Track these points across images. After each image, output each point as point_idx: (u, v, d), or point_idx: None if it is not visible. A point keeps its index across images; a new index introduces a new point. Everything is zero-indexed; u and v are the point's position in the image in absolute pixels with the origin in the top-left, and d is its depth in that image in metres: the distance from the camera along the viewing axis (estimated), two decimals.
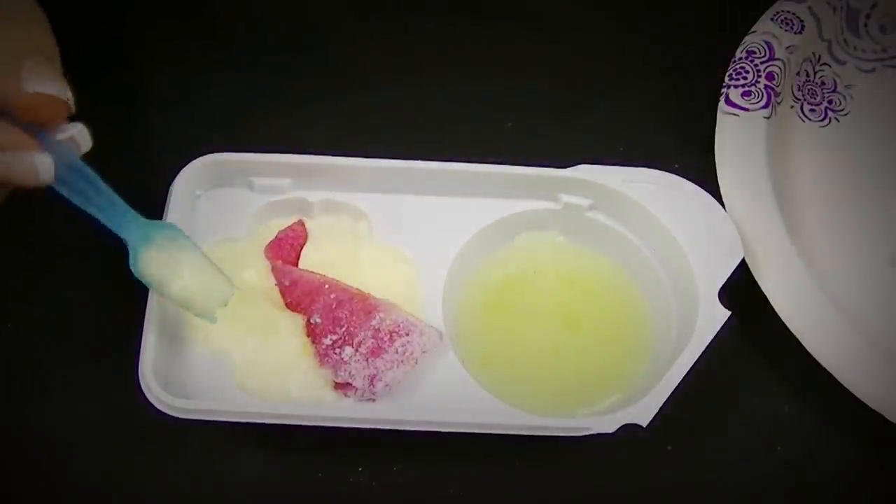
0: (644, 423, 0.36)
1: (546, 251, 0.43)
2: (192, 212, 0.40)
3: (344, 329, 0.38)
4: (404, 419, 0.37)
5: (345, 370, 0.38)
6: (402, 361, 0.38)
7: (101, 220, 0.34)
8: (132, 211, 0.34)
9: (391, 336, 0.38)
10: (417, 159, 0.41)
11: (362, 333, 0.38)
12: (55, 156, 0.32)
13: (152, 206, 0.38)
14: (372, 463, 0.39)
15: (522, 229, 0.43)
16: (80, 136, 0.33)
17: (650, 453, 0.40)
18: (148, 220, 0.35)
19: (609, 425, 0.36)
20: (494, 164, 0.41)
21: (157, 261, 0.34)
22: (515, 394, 0.39)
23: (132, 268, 0.34)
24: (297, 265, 0.40)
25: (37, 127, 0.32)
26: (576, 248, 0.43)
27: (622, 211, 0.42)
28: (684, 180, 0.42)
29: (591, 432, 0.36)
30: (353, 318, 0.38)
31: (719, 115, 0.45)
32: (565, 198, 0.42)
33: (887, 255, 0.45)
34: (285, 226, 0.41)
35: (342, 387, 0.38)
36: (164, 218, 0.39)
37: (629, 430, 0.36)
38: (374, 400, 0.38)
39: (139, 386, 0.35)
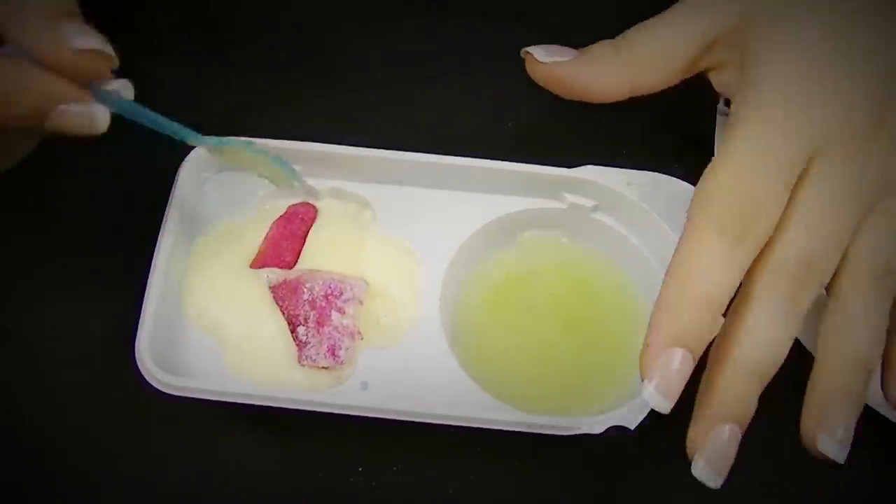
0: (632, 426, 0.36)
1: (549, 250, 0.43)
2: (199, 195, 0.40)
3: (287, 315, 0.39)
4: (394, 408, 0.37)
5: (306, 354, 0.38)
6: (349, 324, 0.39)
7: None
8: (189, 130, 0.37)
9: (328, 300, 0.39)
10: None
11: (300, 310, 0.39)
12: (107, 104, 0.33)
13: (160, 189, 0.38)
14: (372, 463, 0.39)
15: (526, 227, 0.43)
16: (124, 89, 0.34)
17: (650, 453, 0.40)
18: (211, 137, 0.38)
19: (597, 426, 0.36)
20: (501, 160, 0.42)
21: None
22: (511, 392, 0.39)
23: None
24: (303, 242, 0.41)
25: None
26: (578, 248, 0.43)
27: (625, 213, 0.42)
28: (688, 184, 0.42)
29: (579, 431, 0.37)
30: (286, 301, 0.39)
31: (718, 116, 0.45)
32: (570, 198, 0.42)
33: None
34: None
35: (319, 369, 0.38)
36: (169, 201, 0.39)
37: (618, 431, 0.36)
38: (341, 363, 0.38)
39: (135, 365, 0.36)
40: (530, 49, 0.41)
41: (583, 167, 0.42)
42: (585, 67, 0.40)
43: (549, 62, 0.40)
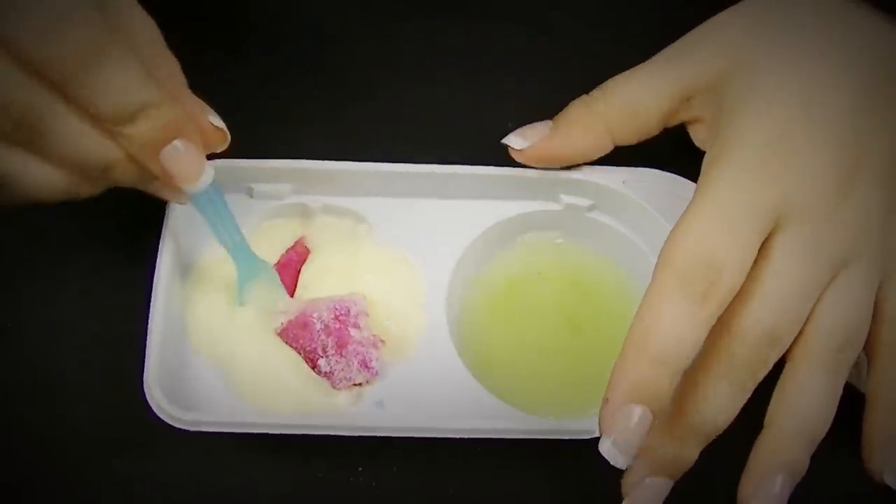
0: None
1: (548, 252, 0.43)
2: (193, 219, 0.39)
3: (304, 352, 0.39)
4: (411, 426, 0.37)
5: (339, 379, 0.38)
6: (368, 336, 0.39)
7: (224, 245, 0.38)
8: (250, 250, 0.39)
9: (338, 320, 0.39)
10: (419, 161, 0.41)
11: (317, 342, 0.39)
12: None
13: (153, 214, 0.38)
14: (372, 463, 0.39)
15: (524, 231, 0.43)
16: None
17: None
18: (256, 257, 0.39)
19: None
20: (494, 165, 0.41)
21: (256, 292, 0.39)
22: (519, 396, 0.39)
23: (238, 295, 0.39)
24: (296, 283, 0.41)
25: None
26: (577, 249, 0.44)
27: (623, 211, 0.42)
28: (684, 180, 0.42)
29: (597, 435, 0.36)
30: (299, 340, 0.39)
31: None
32: (566, 198, 0.42)
33: None
34: (286, 231, 0.42)
35: (355, 387, 0.39)
36: (163, 226, 0.39)
37: None
38: (376, 374, 0.39)
39: (143, 396, 0.36)
40: (506, 140, 0.41)
41: (577, 166, 0.42)
42: (563, 137, 0.41)
43: (526, 147, 0.41)
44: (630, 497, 0.34)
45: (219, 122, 0.36)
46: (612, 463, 0.32)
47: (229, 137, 0.36)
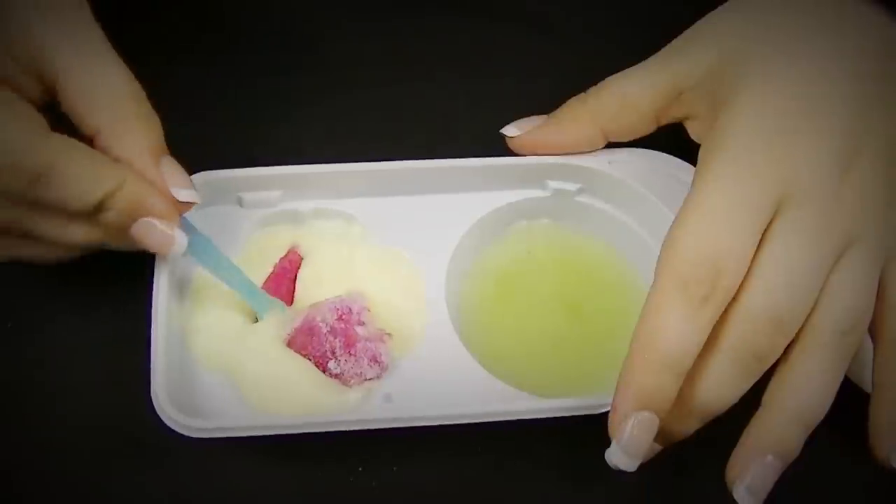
0: None
1: (540, 239, 0.44)
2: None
3: (314, 358, 0.39)
4: (421, 415, 0.37)
5: (350, 376, 0.39)
6: (374, 331, 0.39)
7: (232, 289, 0.39)
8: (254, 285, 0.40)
9: (342, 320, 0.39)
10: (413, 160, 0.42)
11: (326, 345, 0.39)
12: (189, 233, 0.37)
13: None
14: (372, 463, 0.39)
15: (514, 219, 0.44)
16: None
17: None
18: (267, 297, 0.40)
19: None
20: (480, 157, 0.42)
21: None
22: (522, 380, 0.39)
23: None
24: (293, 291, 0.41)
25: None
26: (569, 232, 0.44)
27: (610, 192, 0.42)
28: (669, 156, 0.42)
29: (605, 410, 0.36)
30: (309, 346, 0.39)
31: None
32: (553, 184, 0.43)
33: None
34: (279, 239, 0.42)
35: (366, 382, 0.39)
36: None
37: None
38: (386, 367, 0.39)
39: (150, 404, 0.36)
40: (503, 130, 0.43)
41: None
42: (555, 126, 0.42)
43: (520, 134, 0.42)
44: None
45: (187, 195, 0.36)
46: (621, 467, 0.33)
47: (199, 199, 0.37)
